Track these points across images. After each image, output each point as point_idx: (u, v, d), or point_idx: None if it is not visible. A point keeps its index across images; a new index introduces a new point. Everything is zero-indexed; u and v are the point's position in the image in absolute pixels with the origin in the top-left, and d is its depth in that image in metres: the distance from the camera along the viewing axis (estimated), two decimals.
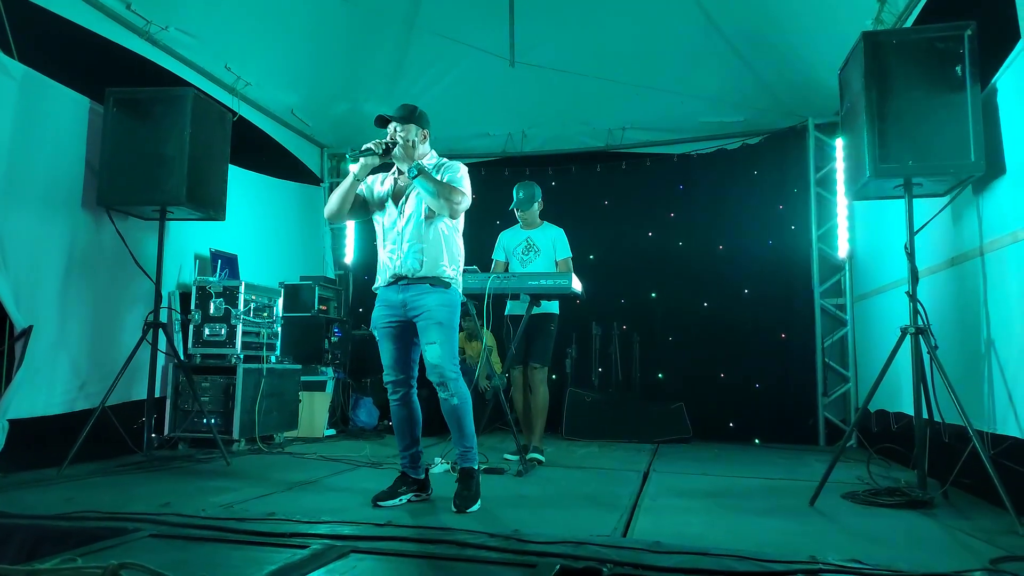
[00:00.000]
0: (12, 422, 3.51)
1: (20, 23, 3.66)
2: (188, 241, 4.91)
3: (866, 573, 2.01)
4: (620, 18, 5.11)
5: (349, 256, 7.09)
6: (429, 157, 3.13)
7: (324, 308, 5.88)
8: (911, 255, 3.27)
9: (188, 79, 4.86)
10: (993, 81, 3.23)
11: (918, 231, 3.33)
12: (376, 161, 2.99)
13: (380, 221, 3.12)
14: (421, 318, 2.95)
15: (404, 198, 3.05)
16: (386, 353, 3.07)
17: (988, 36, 3.11)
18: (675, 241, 6.33)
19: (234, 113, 5.06)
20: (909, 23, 3.99)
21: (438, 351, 2.91)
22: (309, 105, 6.17)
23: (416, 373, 3.10)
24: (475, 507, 2.88)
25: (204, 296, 4.65)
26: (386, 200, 3.10)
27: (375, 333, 3.10)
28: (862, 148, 3.25)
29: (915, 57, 3.18)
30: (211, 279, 4.77)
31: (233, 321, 4.60)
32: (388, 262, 3.05)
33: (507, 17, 4.89)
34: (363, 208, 3.16)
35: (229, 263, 5.20)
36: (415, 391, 3.11)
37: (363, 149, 2.96)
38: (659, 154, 6.45)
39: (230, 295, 4.64)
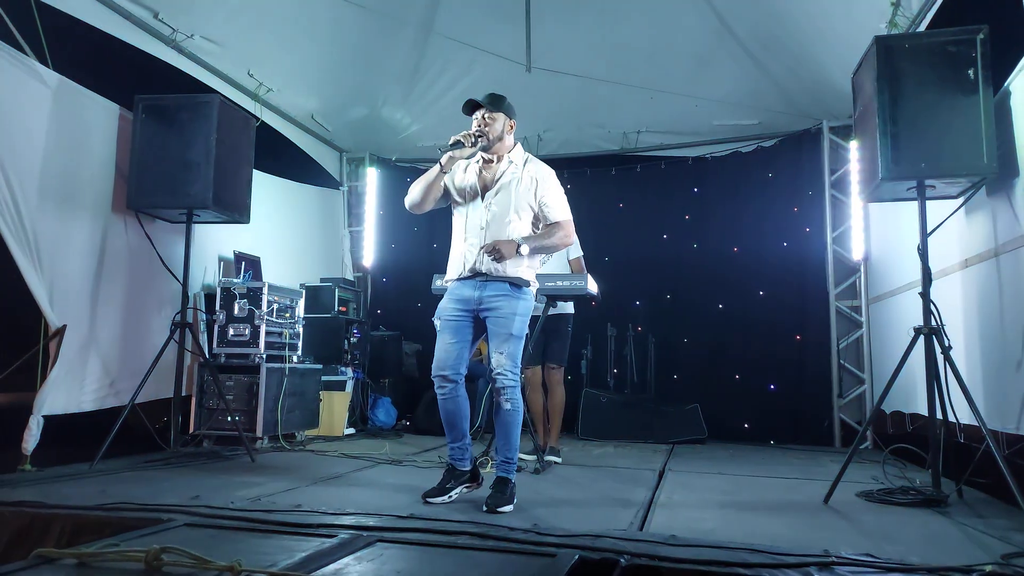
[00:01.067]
0: (46, 418, 3.64)
1: (54, 33, 3.80)
2: (213, 243, 5.03)
3: (878, 567, 2.05)
4: (635, 22, 5.17)
5: (368, 259, 7.19)
6: (515, 150, 3.08)
7: (344, 309, 5.98)
8: (924, 256, 3.30)
9: (213, 86, 4.98)
10: (1006, 84, 3.26)
11: (931, 233, 3.35)
12: (465, 154, 2.96)
13: (462, 213, 3.06)
14: (495, 323, 2.94)
15: (493, 192, 3.00)
16: (443, 346, 2.99)
17: (1001, 40, 3.14)
18: (690, 243, 6.38)
19: (257, 118, 5.17)
20: (922, 27, 4.02)
21: (504, 361, 2.91)
22: (328, 110, 6.29)
23: (465, 370, 3.04)
24: (507, 508, 2.83)
25: (228, 297, 4.76)
26: (469, 192, 3.05)
27: (437, 323, 3.05)
28: (875, 151, 3.28)
29: (928, 61, 3.21)
30: (235, 281, 4.88)
31: (257, 322, 4.71)
32: (467, 256, 2.99)
33: (523, 22, 4.97)
34: (443, 197, 3.12)
35: (252, 265, 5.32)
36: (463, 386, 3.04)
37: (452, 142, 2.93)
38: (674, 157, 6.51)
39: (254, 296, 4.74)
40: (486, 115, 3.01)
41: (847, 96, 3.91)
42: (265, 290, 4.76)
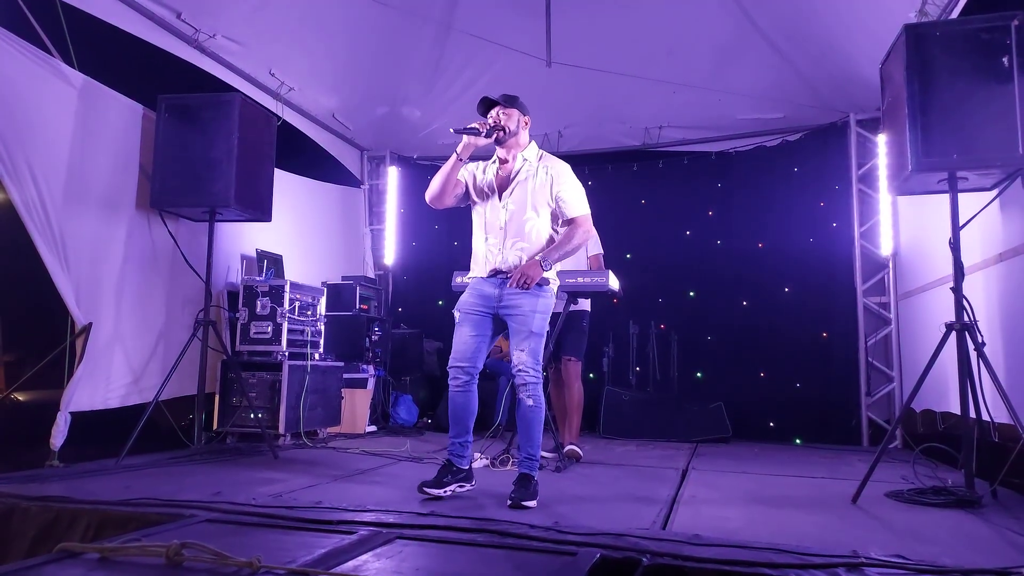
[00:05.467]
0: (73, 415, 3.68)
1: (79, 33, 3.84)
2: (236, 242, 5.07)
3: (909, 568, 1.99)
4: (656, 15, 5.11)
5: (388, 257, 7.21)
6: (529, 148, 3.11)
7: (365, 307, 6.00)
8: (956, 250, 3.21)
9: (234, 85, 5.02)
10: None
11: (963, 226, 3.26)
12: (480, 142, 2.98)
13: (481, 212, 3.11)
14: (515, 320, 2.97)
15: (509, 191, 3.03)
16: (461, 339, 3.04)
17: None
18: (714, 239, 6.30)
19: (278, 117, 5.20)
20: (954, 15, 3.92)
21: (526, 358, 2.95)
22: (349, 108, 6.30)
23: (481, 366, 3.08)
24: (532, 503, 2.85)
25: (251, 295, 4.79)
26: (487, 191, 3.10)
27: (456, 315, 3.08)
28: (904, 142, 3.19)
29: (960, 49, 3.12)
30: (258, 279, 4.91)
31: (279, 319, 4.73)
32: (488, 256, 3.05)
33: (543, 17, 4.94)
34: (464, 195, 3.16)
35: (275, 263, 5.36)
36: (476, 382, 3.07)
37: (467, 127, 2.95)
38: (697, 152, 6.43)
39: (276, 294, 4.77)
40: (501, 111, 3.05)
41: (874, 88, 3.82)
42: (287, 288, 4.78)
